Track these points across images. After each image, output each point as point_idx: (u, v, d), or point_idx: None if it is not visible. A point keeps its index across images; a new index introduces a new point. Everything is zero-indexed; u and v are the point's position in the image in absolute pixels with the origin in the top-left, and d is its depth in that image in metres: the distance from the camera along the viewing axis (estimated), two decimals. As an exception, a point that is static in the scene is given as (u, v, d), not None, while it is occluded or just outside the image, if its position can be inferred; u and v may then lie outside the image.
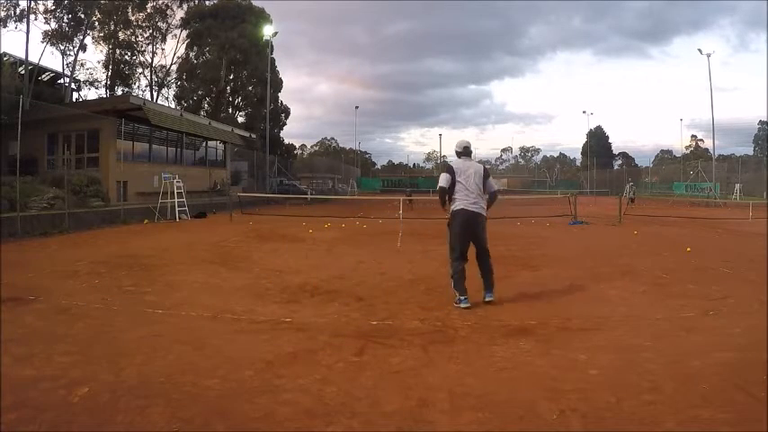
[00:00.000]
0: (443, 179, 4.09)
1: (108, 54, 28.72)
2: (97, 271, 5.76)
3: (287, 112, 37.46)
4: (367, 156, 73.36)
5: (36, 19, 22.86)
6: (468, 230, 3.98)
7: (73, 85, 27.14)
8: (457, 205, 4.03)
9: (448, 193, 4.09)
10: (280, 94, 35.79)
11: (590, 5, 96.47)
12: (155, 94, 31.19)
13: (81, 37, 25.66)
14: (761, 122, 51.24)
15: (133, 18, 28.84)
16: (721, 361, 2.89)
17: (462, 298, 4.09)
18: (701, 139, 61.23)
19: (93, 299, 4.43)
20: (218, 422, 2.20)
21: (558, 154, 78.89)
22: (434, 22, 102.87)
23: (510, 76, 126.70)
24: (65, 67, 26.13)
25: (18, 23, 21.60)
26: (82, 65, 28.17)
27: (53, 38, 24.35)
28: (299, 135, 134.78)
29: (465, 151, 4.27)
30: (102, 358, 2.96)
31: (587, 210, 16.40)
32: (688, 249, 7.79)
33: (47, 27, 23.96)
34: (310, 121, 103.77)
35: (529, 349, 3.19)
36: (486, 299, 4.21)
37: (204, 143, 21.80)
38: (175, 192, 13.48)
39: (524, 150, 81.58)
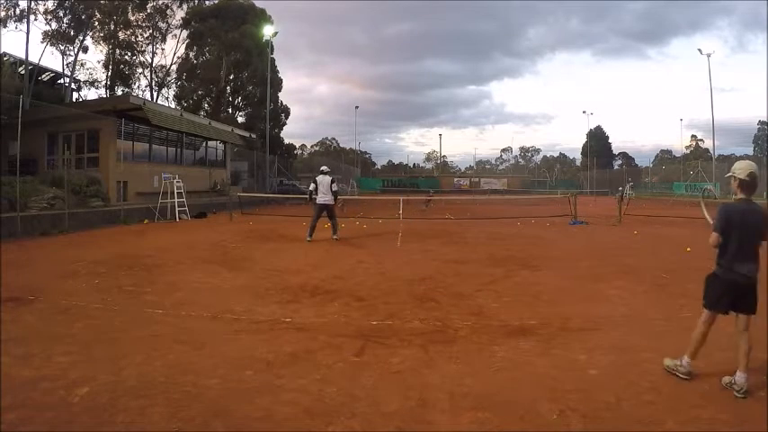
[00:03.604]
0: (311, 186, 8.80)
1: (108, 54, 28.69)
2: (97, 271, 5.76)
3: (287, 112, 37.48)
4: (367, 156, 73.25)
5: (36, 19, 22.90)
6: (320, 209, 8.65)
7: (73, 85, 27.19)
8: (316, 199, 8.69)
9: (312, 192, 8.80)
10: (280, 94, 35.89)
11: (587, 7, 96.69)
12: (155, 94, 31.16)
13: (81, 37, 25.69)
14: (760, 122, 51.33)
15: (133, 18, 28.81)
16: (721, 361, 2.89)
17: (309, 237, 8.63)
18: (701, 139, 61.24)
19: (93, 299, 4.43)
20: (218, 422, 2.20)
21: (557, 154, 79.00)
22: (434, 22, 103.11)
23: (509, 77, 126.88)
24: (65, 67, 26.18)
25: (18, 24, 21.64)
26: (82, 65, 28.18)
27: (53, 38, 24.35)
28: (299, 135, 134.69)
29: (322, 172, 8.83)
30: (102, 358, 2.96)
31: (587, 210, 16.39)
32: (688, 249, 7.78)
33: (47, 27, 24.00)
34: (310, 121, 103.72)
35: (529, 349, 3.20)
36: (333, 237, 8.70)
37: (204, 143, 21.78)
38: (175, 192, 13.48)
39: (524, 150, 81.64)
